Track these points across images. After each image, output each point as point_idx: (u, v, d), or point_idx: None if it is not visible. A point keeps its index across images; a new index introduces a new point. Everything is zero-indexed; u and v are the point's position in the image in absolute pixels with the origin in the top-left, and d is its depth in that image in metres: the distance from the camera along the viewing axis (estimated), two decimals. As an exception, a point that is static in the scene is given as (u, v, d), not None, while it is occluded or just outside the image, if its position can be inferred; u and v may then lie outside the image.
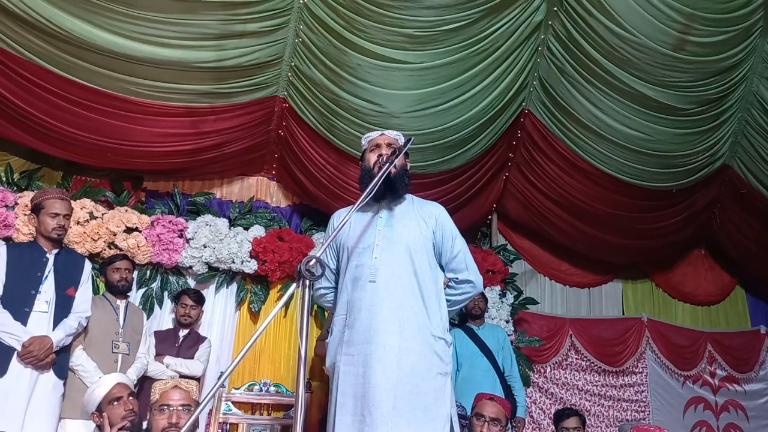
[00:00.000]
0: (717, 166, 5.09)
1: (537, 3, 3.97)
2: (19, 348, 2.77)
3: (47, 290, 2.94)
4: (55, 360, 2.89)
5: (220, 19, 3.51)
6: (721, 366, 5.83)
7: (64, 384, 2.99)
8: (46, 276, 2.95)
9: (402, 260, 2.29)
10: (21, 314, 2.84)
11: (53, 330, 2.90)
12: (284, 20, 3.74)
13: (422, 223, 2.39)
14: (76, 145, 3.89)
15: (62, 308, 2.98)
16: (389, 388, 2.10)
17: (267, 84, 4.08)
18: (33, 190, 3.95)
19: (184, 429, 2.09)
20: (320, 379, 4.09)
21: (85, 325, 3.13)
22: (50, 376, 2.88)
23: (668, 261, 6.10)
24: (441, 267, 2.44)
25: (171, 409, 2.20)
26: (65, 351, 3.00)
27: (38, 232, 3.02)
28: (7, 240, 3.73)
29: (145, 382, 3.39)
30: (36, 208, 3.01)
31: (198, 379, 3.73)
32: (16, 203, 3.80)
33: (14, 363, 2.76)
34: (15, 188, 3.94)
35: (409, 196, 2.49)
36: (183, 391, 2.25)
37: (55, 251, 3.03)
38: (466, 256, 2.43)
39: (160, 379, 2.95)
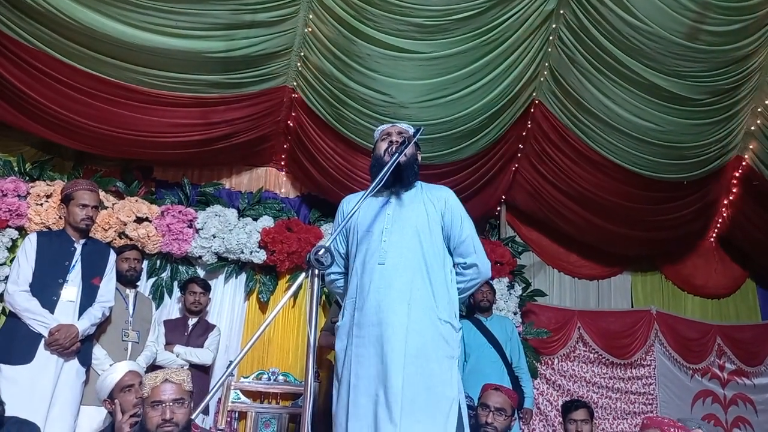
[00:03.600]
0: (729, 157, 5.03)
1: (548, -8, 3.93)
2: (46, 335, 2.82)
3: (74, 279, 2.99)
4: (80, 348, 2.93)
5: (230, 9, 3.49)
6: (731, 359, 5.80)
7: (87, 371, 3.04)
8: (74, 265, 3.01)
9: (411, 243, 2.31)
10: (49, 302, 2.89)
11: (79, 318, 2.95)
12: (293, 10, 3.72)
13: (431, 206, 2.40)
14: (87, 135, 3.90)
15: (88, 297, 3.02)
16: (399, 368, 2.13)
17: (276, 74, 4.07)
18: (45, 180, 3.99)
19: (195, 413, 2.11)
20: (328, 369, 4.12)
21: (108, 314, 3.17)
22: (74, 363, 2.93)
23: (678, 253, 6.06)
24: (450, 252, 2.44)
25: (163, 405, 2.08)
26: (89, 339, 3.05)
27: (67, 221, 3.07)
28: (19, 229, 3.78)
29: (154, 370, 3.42)
30: (66, 199, 3.07)
31: (207, 368, 3.77)
32: (28, 193, 3.84)
33: (41, 350, 2.82)
34: (27, 178, 3.97)
35: (418, 183, 2.50)
36: (174, 384, 2.13)
37: (82, 241, 3.09)
38: (474, 241, 2.43)
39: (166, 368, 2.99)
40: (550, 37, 4.20)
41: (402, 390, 2.09)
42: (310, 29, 3.85)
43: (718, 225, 5.94)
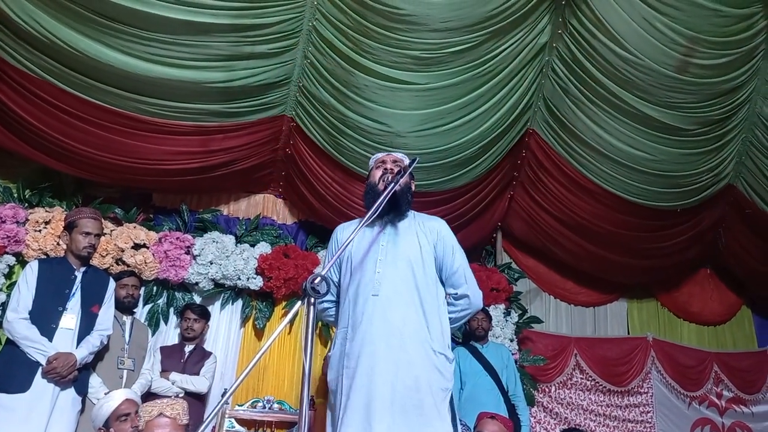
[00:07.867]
0: (722, 186, 5.10)
1: (542, 25, 4.03)
2: (44, 363, 2.81)
3: (74, 307, 2.98)
4: (77, 377, 2.92)
5: (230, 41, 3.58)
6: (728, 387, 5.77)
7: (83, 401, 3.02)
8: (74, 293, 3.00)
9: (404, 275, 2.32)
10: (48, 330, 2.88)
11: (77, 347, 2.94)
12: (293, 42, 3.81)
13: (424, 238, 2.42)
14: (87, 162, 3.95)
15: (86, 325, 3.02)
16: (390, 402, 2.12)
17: (275, 104, 4.14)
18: (44, 207, 4.01)
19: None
20: (323, 397, 4.09)
21: (106, 342, 3.16)
22: (70, 392, 2.91)
23: (674, 281, 6.08)
24: (442, 282, 2.45)
25: None
26: (86, 368, 3.03)
27: (69, 249, 3.07)
28: (17, 255, 3.79)
29: (149, 398, 3.40)
30: (69, 226, 3.08)
31: (202, 396, 3.75)
32: (27, 219, 3.86)
33: (38, 378, 2.80)
34: (26, 204, 4.00)
35: (411, 212, 2.52)
36: (169, 419, 2.12)
37: (83, 269, 3.09)
38: (465, 271, 2.44)
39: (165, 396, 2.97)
40: (544, 69, 4.30)
41: (393, 424, 2.08)
42: (309, 61, 3.93)
43: (713, 252, 5.97)
